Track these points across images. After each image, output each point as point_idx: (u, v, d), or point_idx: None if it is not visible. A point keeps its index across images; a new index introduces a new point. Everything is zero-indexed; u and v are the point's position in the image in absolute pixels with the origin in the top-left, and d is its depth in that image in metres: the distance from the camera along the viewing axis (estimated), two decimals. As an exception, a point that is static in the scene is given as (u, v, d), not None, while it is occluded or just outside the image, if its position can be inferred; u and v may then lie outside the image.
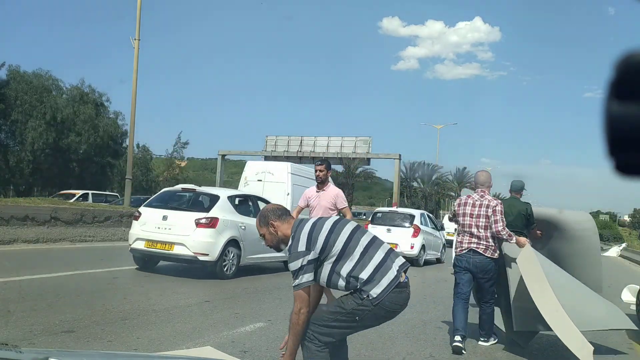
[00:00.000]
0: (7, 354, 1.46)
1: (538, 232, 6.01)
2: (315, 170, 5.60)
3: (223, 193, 8.70)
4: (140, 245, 7.86)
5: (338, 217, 3.44)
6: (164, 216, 7.87)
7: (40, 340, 3.97)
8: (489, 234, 4.92)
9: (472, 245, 4.94)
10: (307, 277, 2.89)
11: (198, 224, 7.66)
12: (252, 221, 7.58)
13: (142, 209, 8.30)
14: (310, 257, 2.87)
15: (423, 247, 13.35)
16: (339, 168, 44.49)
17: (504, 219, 4.97)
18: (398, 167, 41.52)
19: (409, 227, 13.29)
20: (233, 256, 8.05)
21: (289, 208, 11.44)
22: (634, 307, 7.58)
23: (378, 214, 14.75)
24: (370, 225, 13.54)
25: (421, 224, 13.63)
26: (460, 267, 5.08)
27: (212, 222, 7.74)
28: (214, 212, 7.87)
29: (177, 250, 7.61)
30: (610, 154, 0.67)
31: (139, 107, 26.74)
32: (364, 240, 2.98)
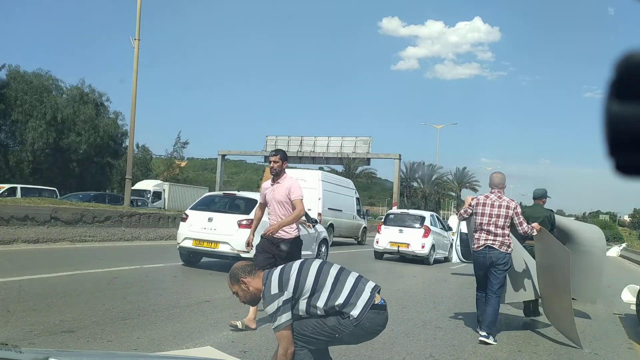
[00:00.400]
0: (7, 354, 1.46)
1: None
2: (269, 162, 5.22)
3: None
4: (188, 244, 8.88)
5: (305, 259, 3.32)
6: (209, 218, 8.85)
7: (40, 340, 3.97)
8: (505, 232, 5.34)
9: (488, 242, 5.40)
10: (286, 316, 2.94)
11: (240, 224, 8.50)
12: None
13: (188, 212, 9.40)
14: (285, 297, 2.94)
15: (433, 246, 13.94)
16: (339, 168, 44.50)
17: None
18: (398, 167, 41.51)
19: (419, 227, 13.84)
20: None
21: (319, 211, 11.85)
22: (634, 307, 7.58)
23: (390, 216, 15.21)
24: (382, 226, 14.34)
25: (431, 224, 14.13)
26: (478, 263, 5.59)
27: (251, 223, 7.96)
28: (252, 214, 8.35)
29: (221, 248, 8.56)
30: (610, 154, 0.67)
31: (139, 107, 26.75)
32: (333, 271, 3.09)
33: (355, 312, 2.98)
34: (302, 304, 3.00)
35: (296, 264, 3.12)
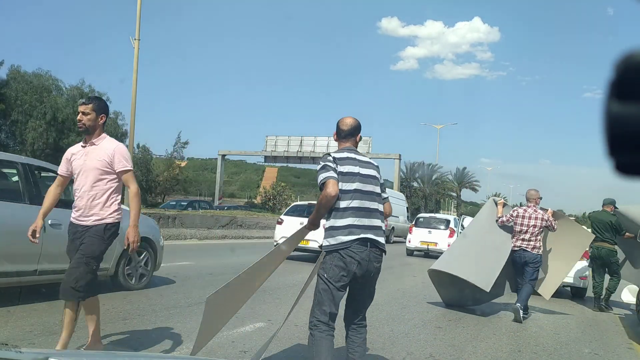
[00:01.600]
0: (7, 354, 1.46)
1: (628, 234, 7.77)
2: (77, 113, 3.78)
3: None
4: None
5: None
6: (300, 223, 9.82)
7: (40, 340, 3.97)
8: (538, 237, 6.92)
9: (523, 245, 6.93)
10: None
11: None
12: None
13: (283, 217, 12.58)
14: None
15: None
16: (339, 168, 44.47)
17: (555, 220, 7.03)
18: (398, 167, 41.52)
19: (445, 229, 16.42)
20: None
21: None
22: (634, 307, 7.58)
23: (420, 219, 17.62)
24: (413, 228, 16.92)
25: (454, 226, 16.73)
26: (514, 261, 7.03)
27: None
28: None
29: (310, 245, 10.90)
30: (610, 154, 0.67)
31: (139, 108, 26.75)
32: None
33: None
34: None
35: None
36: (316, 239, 10.58)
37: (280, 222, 12.33)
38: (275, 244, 11.13)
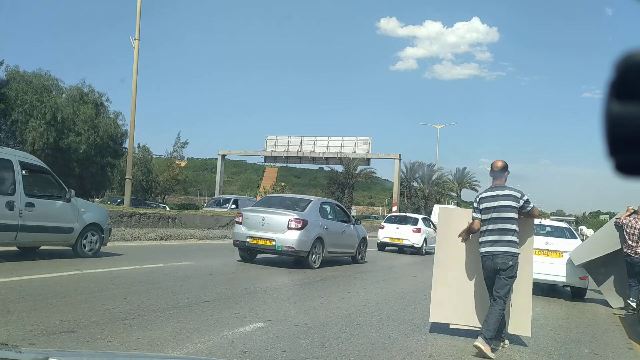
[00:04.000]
0: (7, 354, 1.46)
1: None
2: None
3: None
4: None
5: None
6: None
7: (40, 340, 3.97)
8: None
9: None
10: None
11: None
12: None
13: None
14: None
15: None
16: (339, 168, 44.51)
17: None
18: (398, 167, 41.51)
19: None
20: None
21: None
22: (634, 307, 7.58)
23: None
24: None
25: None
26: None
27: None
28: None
29: (404, 242, 13.77)
30: (610, 154, 0.67)
31: (139, 108, 26.73)
32: None
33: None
34: None
35: None
36: (408, 238, 17.00)
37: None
38: None
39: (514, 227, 4.82)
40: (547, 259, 8.90)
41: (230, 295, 6.79)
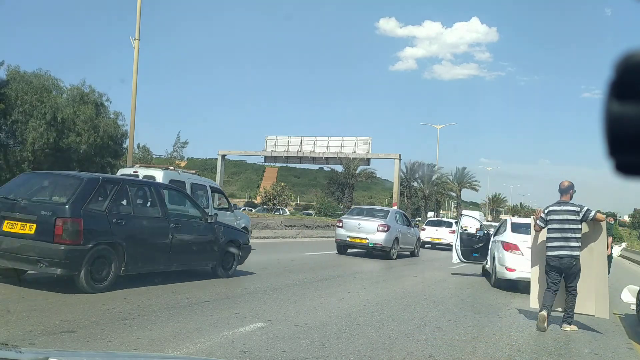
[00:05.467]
0: (7, 354, 1.46)
1: None
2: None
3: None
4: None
5: None
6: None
7: (40, 340, 3.97)
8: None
9: None
10: None
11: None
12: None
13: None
14: None
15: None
16: (339, 168, 44.50)
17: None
18: (398, 167, 41.50)
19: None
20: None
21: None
22: (634, 307, 7.58)
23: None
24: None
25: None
26: None
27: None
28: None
29: (442, 240, 16.47)
30: (610, 154, 0.67)
31: (139, 108, 26.77)
32: None
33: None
34: None
35: None
36: (445, 237, 20.78)
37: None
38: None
39: (576, 235, 6.06)
40: None
41: (230, 295, 6.79)
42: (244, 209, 31.45)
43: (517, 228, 10.10)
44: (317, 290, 7.75)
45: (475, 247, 11.53)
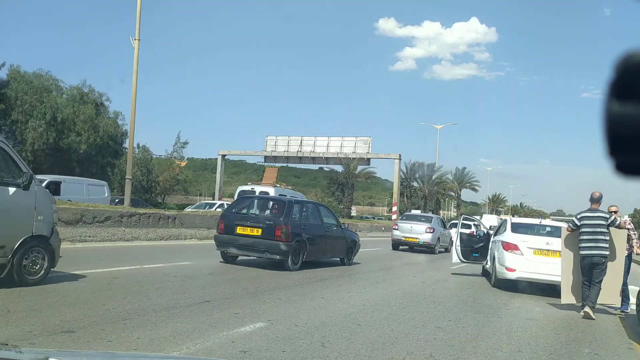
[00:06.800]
0: (7, 354, 1.46)
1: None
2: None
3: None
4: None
5: None
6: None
7: (40, 340, 3.97)
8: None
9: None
10: None
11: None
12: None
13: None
14: None
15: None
16: (339, 168, 44.47)
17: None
18: (398, 167, 41.48)
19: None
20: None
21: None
22: (634, 307, 7.58)
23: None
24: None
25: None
26: None
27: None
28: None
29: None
30: (610, 154, 0.67)
31: (139, 108, 26.75)
32: None
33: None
34: None
35: None
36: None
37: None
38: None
39: (605, 237, 7.18)
40: (547, 259, 8.91)
41: (230, 295, 6.79)
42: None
43: (517, 228, 10.10)
44: (317, 290, 7.75)
45: (475, 247, 11.54)
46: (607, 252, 7.18)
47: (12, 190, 5.97)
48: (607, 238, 7.21)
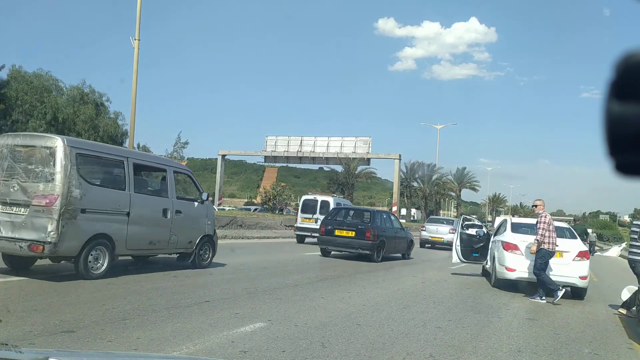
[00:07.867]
0: (7, 354, 1.46)
1: None
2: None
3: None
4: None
5: None
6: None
7: (40, 340, 3.97)
8: None
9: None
10: None
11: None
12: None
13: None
14: None
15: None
16: (339, 168, 44.48)
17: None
18: (398, 167, 41.50)
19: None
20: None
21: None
22: (634, 307, 7.58)
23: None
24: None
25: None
26: None
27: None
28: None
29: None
30: (610, 154, 0.67)
31: (139, 108, 26.75)
32: None
33: None
34: None
35: None
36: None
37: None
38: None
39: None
40: None
41: (230, 295, 6.79)
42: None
43: (517, 228, 10.10)
44: (317, 290, 7.75)
45: (475, 247, 11.54)
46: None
47: (196, 204, 8.95)
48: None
